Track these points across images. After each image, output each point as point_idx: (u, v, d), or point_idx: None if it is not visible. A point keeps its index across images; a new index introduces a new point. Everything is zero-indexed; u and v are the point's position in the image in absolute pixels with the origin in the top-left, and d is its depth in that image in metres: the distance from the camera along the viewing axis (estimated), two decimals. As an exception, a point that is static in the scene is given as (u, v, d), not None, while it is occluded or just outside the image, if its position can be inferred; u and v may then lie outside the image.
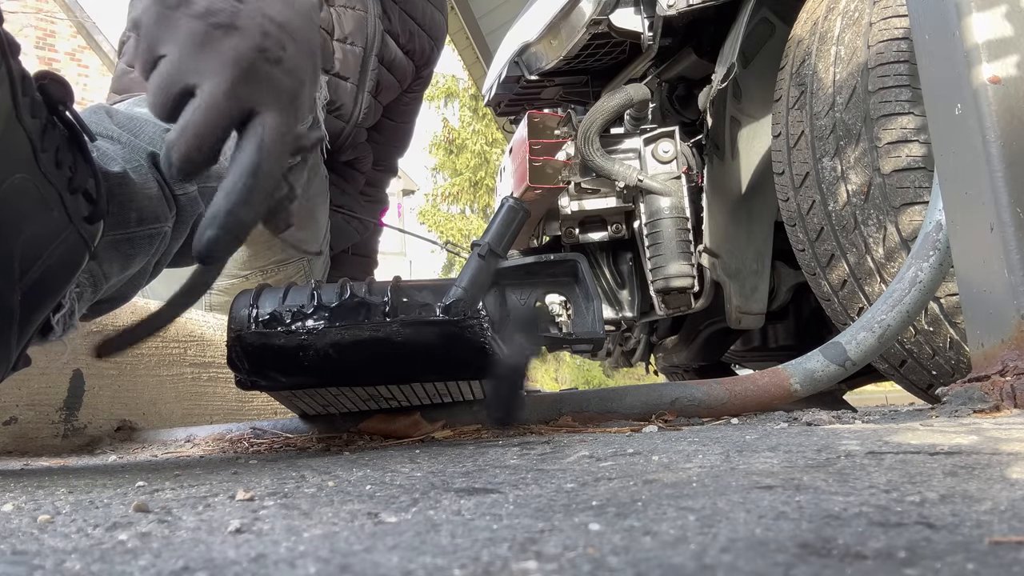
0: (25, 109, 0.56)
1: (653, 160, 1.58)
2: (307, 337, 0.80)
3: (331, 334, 0.80)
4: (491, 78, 1.97)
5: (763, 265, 1.63)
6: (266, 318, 0.80)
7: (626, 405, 0.95)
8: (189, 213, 0.79)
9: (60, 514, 0.47)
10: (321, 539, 0.36)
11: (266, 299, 0.82)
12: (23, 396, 1.01)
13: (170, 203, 0.76)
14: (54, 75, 0.61)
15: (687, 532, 0.33)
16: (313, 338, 0.80)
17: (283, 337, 0.80)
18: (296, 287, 0.84)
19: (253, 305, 0.81)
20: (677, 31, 1.59)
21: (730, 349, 2.04)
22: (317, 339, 0.80)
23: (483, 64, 5.28)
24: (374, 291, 0.82)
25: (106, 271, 0.71)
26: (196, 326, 1.30)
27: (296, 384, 0.84)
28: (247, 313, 0.80)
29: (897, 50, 1.15)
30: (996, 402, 0.77)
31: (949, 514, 0.34)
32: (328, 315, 0.80)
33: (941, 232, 0.90)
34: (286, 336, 0.80)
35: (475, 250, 0.80)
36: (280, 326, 0.80)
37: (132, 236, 0.71)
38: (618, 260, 1.83)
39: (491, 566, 0.29)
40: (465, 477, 0.55)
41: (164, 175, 0.75)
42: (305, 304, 0.81)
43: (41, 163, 0.58)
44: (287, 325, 0.80)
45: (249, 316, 0.80)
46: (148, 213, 0.72)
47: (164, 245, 0.77)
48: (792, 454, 0.55)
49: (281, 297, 0.82)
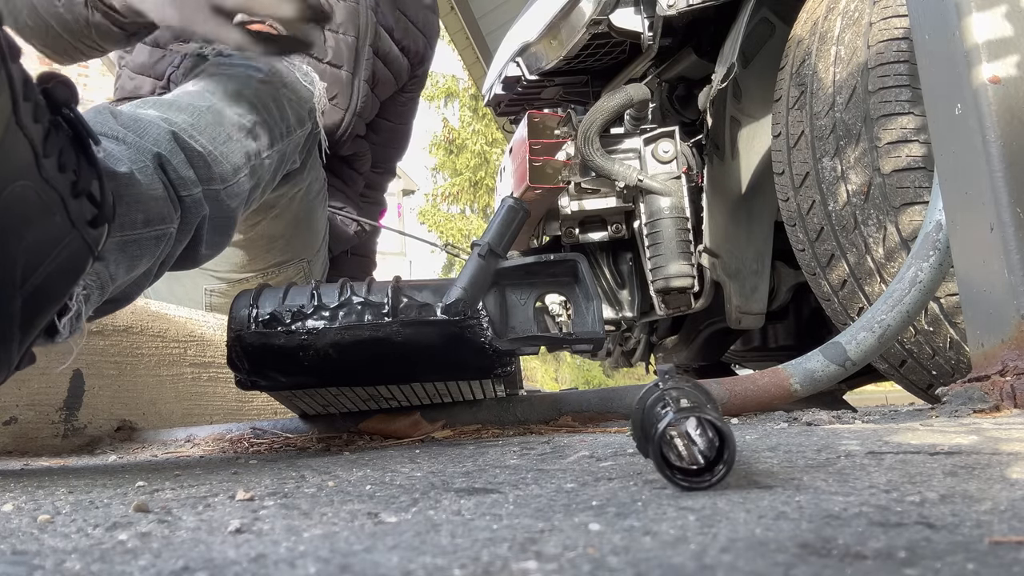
0: (27, 114, 0.55)
1: (653, 160, 1.58)
2: (307, 337, 0.80)
3: (331, 334, 0.80)
4: (491, 78, 1.97)
5: (763, 265, 1.63)
6: (266, 318, 0.80)
7: (626, 405, 0.95)
8: (194, 214, 0.79)
9: (60, 514, 0.47)
10: (321, 539, 0.36)
11: (266, 299, 0.82)
12: (23, 396, 1.01)
13: (175, 204, 0.76)
14: (59, 76, 0.60)
15: (687, 532, 0.33)
16: (313, 338, 0.80)
17: (283, 337, 0.80)
18: (296, 287, 0.84)
19: (253, 305, 0.81)
20: (677, 31, 1.59)
21: (730, 349, 2.04)
22: (317, 339, 0.80)
23: (483, 64, 5.28)
24: (374, 291, 0.82)
25: (112, 273, 0.71)
26: (196, 326, 1.30)
27: (296, 384, 0.84)
28: (247, 313, 0.80)
29: (897, 50, 1.15)
30: (996, 402, 0.77)
31: (949, 514, 0.34)
32: (328, 315, 0.80)
33: (941, 232, 0.90)
34: (286, 336, 0.80)
35: (475, 250, 0.80)
36: (280, 326, 0.80)
37: (139, 238, 0.71)
38: (618, 260, 1.83)
39: (491, 566, 0.29)
40: (465, 477, 0.55)
41: (170, 176, 0.75)
42: (305, 304, 0.81)
43: (43, 169, 0.57)
44: (287, 325, 0.80)
45: (249, 316, 0.80)
46: (154, 214, 0.72)
47: (169, 247, 0.77)
48: (792, 454, 0.55)
49: (281, 297, 0.82)
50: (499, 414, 0.97)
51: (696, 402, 0.44)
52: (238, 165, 0.87)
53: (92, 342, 1.10)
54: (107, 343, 1.12)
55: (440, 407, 0.96)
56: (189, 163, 0.78)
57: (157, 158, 0.75)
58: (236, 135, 0.89)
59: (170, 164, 0.76)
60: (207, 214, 0.82)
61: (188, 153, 0.79)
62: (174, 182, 0.76)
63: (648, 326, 1.99)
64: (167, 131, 0.78)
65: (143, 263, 0.74)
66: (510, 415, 0.97)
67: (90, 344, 1.10)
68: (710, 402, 0.47)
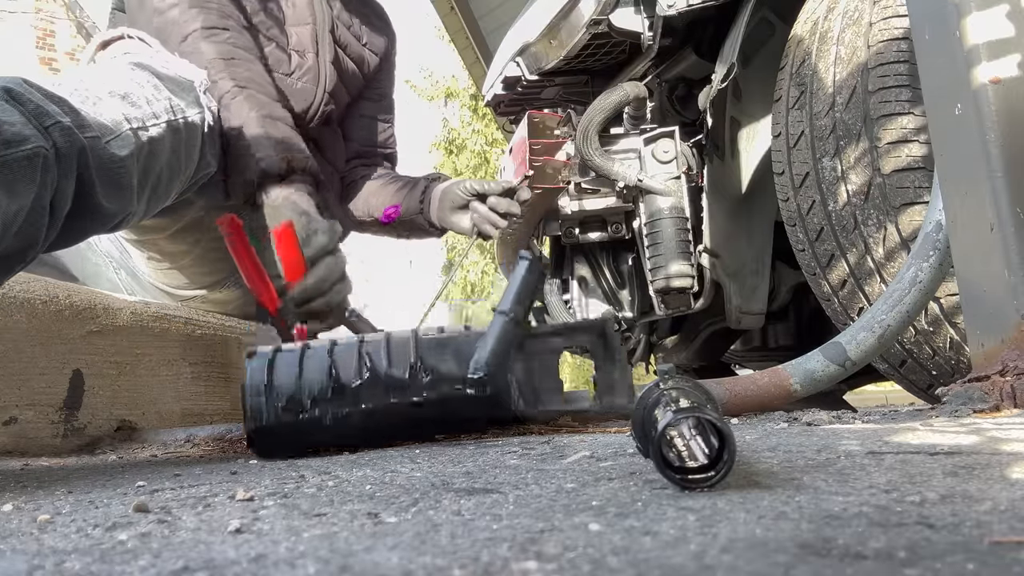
0: None
1: (653, 160, 1.58)
2: (331, 423, 0.78)
3: (355, 418, 0.78)
4: (491, 78, 1.97)
5: (763, 265, 1.63)
6: (283, 403, 0.78)
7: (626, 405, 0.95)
8: (68, 146, 0.79)
9: (60, 514, 0.47)
10: (321, 539, 0.36)
11: (280, 377, 0.78)
12: (23, 396, 1.01)
13: (41, 132, 0.76)
14: None
15: (687, 532, 0.33)
16: (336, 422, 0.78)
17: (304, 424, 0.78)
18: (311, 356, 0.80)
19: (268, 389, 0.78)
20: (677, 31, 1.59)
21: (730, 349, 2.04)
22: (340, 423, 0.78)
23: (483, 64, 5.27)
24: (395, 362, 0.79)
25: None
26: (196, 326, 1.30)
27: (319, 449, 0.83)
28: (263, 402, 0.78)
29: (897, 50, 1.15)
30: (996, 402, 0.77)
31: (949, 514, 0.34)
32: (350, 398, 0.78)
33: (941, 232, 0.90)
34: (308, 422, 0.78)
35: (498, 318, 0.79)
36: (301, 411, 0.78)
37: (6, 159, 0.71)
38: (618, 260, 1.83)
39: (491, 566, 0.29)
40: (465, 477, 0.55)
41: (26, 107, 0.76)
42: (324, 383, 0.78)
43: None
44: (309, 410, 0.78)
45: (267, 404, 0.78)
46: (11, 135, 0.73)
47: (52, 178, 0.76)
48: (792, 454, 0.55)
49: (296, 374, 0.78)
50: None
51: (696, 402, 0.44)
52: (117, 120, 0.90)
53: (92, 342, 1.10)
54: (107, 343, 1.12)
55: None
56: (48, 100, 0.80)
57: (6, 91, 0.76)
58: (107, 98, 0.91)
59: (23, 97, 0.77)
60: (88, 153, 0.82)
61: (44, 93, 0.80)
62: (32, 112, 0.76)
63: (648, 326, 1.99)
64: (18, 79, 0.80)
65: (23, 187, 0.73)
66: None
67: (90, 344, 1.10)
68: (710, 402, 0.47)
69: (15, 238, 0.74)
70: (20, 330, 1.00)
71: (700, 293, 1.57)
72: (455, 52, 6.00)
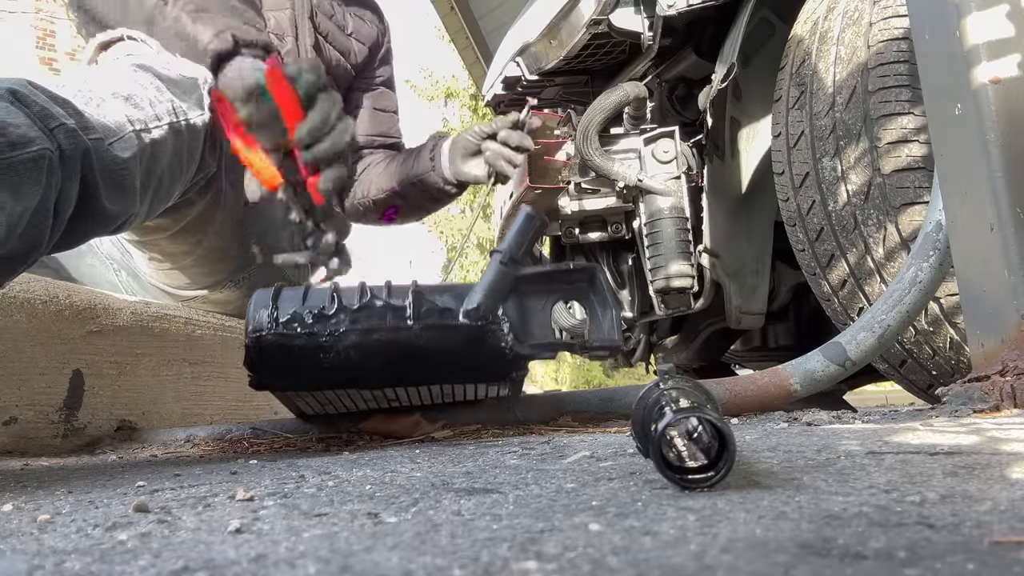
0: None
1: (653, 160, 1.58)
2: (328, 339, 0.80)
3: (353, 336, 0.80)
4: (491, 78, 1.97)
5: (763, 265, 1.63)
6: (286, 319, 0.80)
7: (626, 405, 0.95)
8: (73, 148, 0.79)
9: (60, 514, 0.47)
10: (321, 539, 0.36)
11: (286, 300, 0.82)
12: (23, 396, 1.01)
13: (46, 134, 0.76)
14: None
15: (687, 532, 0.33)
16: (335, 340, 0.80)
17: (304, 338, 0.79)
18: (316, 288, 0.84)
19: (273, 306, 0.81)
20: (677, 31, 1.59)
21: (730, 349, 2.04)
22: (338, 341, 0.80)
23: (483, 64, 5.27)
24: (395, 294, 0.82)
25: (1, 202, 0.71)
26: (196, 326, 1.30)
27: (313, 385, 0.84)
28: (267, 314, 0.80)
29: (897, 50, 1.15)
30: (996, 402, 0.77)
31: (949, 514, 0.34)
32: (350, 317, 0.80)
33: (941, 232, 0.90)
34: (307, 337, 0.79)
35: (495, 257, 0.81)
36: (301, 327, 0.80)
37: (12, 162, 0.71)
38: (618, 260, 1.83)
39: (491, 566, 0.29)
40: (465, 477, 0.55)
41: (32, 108, 0.76)
42: (326, 305, 0.81)
43: None
44: (309, 326, 0.80)
45: (269, 317, 0.80)
46: (17, 136, 0.73)
47: (56, 178, 0.77)
48: (792, 454, 0.55)
49: (301, 298, 0.82)
50: (499, 414, 0.97)
51: (696, 402, 0.44)
52: (120, 122, 0.90)
53: (92, 342, 1.10)
54: (107, 343, 1.12)
55: (440, 407, 0.96)
56: (53, 102, 0.80)
57: (11, 93, 0.76)
58: (110, 100, 0.92)
59: (28, 99, 0.77)
60: (92, 155, 0.82)
61: (49, 95, 0.80)
62: (37, 113, 0.77)
63: (648, 326, 1.99)
64: (23, 81, 0.80)
65: (28, 189, 0.73)
66: (510, 415, 0.97)
67: (90, 344, 1.10)
68: (710, 402, 0.47)
69: (20, 240, 0.75)
70: (20, 330, 1.00)
71: (700, 293, 1.57)
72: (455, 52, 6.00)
